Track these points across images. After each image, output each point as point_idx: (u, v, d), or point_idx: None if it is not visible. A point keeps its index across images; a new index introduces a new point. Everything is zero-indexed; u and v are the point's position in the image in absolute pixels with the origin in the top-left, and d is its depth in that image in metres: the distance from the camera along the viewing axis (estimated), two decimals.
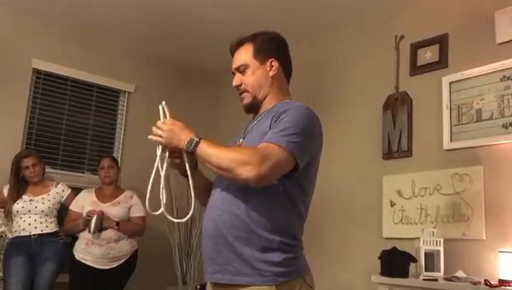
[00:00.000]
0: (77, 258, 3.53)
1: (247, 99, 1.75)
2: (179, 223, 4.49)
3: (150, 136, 1.67)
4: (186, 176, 1.70)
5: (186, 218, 1.73)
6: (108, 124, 4.61)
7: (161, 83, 4.86)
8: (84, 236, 3.54)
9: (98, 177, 3.83)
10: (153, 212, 1.68)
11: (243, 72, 1.74)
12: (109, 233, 3.53)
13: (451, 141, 3.04)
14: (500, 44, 2.92)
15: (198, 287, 3.96)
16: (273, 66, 1.73)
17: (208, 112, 5.12)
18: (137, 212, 3.74)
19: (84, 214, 3.53)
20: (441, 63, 3.20)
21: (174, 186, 3.62)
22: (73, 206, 3.67)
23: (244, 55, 1.75)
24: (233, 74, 1.79)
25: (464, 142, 2.98)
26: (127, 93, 4.67)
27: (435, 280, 2.62)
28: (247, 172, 1.43)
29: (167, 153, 1.67)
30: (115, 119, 4.65)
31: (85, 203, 3.63)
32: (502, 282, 2.43)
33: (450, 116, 3.07)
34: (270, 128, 1.57)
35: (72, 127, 4.36)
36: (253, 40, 1.76)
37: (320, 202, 2.08)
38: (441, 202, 3.03)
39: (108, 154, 4.17)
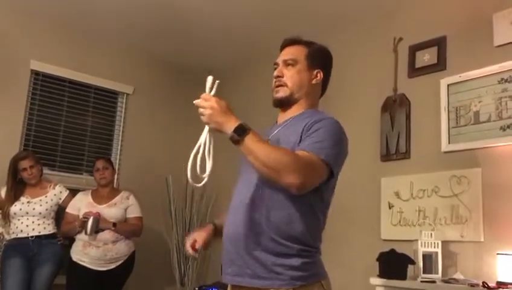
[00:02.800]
0: (74, 260, 3.53)
1: (283, 93, 1.76)
2: (177, 222, 4.50)
3: (195, 101, 1.64)
4: None
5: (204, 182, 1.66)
6: (106, 126, 4.60)
7: (159, 85, 4.86)
8: (81, 238, 3.53)
9: (94, 179, 3.82)
10: (196, 185, 1.65)
11: (288, 66, 1.76)
12: (106, 234, 3.52)
13: (449, 143, 3.05)
14: (498, 46, 2.92)
15: (197, 288, 3.95)
16: (317, 76, 1.77)
17: None
18: (134, 213, 3.74)
19: (81, 216, 3.52)
20: (439, 66, 3.20)
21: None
22: (70, 209, 3.66)
23: (297, 52, 1.77)
24: (275, 65, 1.81)
25: (462, 145, 2.98)
26: (125, 94, 4.67)
27: (433, 282, 2.62)
28: (294, 179, 1.45)
29: (207, 130, 1.63)
30: (113, 121, 4.65)
31: (81, 205, 3.63)
32: (500, 284, 2.43)
33: (448, 119, 3.08)
34: (301, 136, 1.60)
35: (70, 128, 4.36)
36: (309, 45, 1.81)
37: None
38: (439, 204, 3.03)
39: (103, 156, 4.15)
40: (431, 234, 2.84)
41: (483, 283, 2.44)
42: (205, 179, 1.63)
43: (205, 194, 4.71)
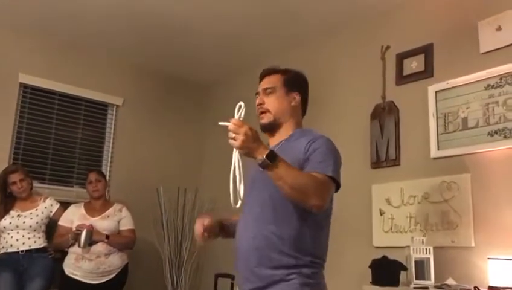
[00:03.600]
0: (67, 273, 3.50)
1: (267, 119, 1.89)
2: (169, 233, 4.49)
3: (221, 123, 1.66)
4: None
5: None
6: (96, 138, 4.59)
7: (149, 96, 4.87)
8: (74, 251, 3.50)
9: (86, 192, 3.81)
10: (236, 206, 1.70)
11: (268, 94, 1.91)
12: (99, 247, 3.50)
13: (438, 149, 3.08)
14: (484, 53, 2.96)
15: None
16: (295, 99, 1.92)
17: (196, 123, 5.13)
18: (127, 225, 3.72)
19: (74, 229, 3.50)
20: (427, 73, 3.24)
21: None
22: (62, 221, 3.64)
23: (275, 80, 1.93)
24: (257, 94, 1.96)
25: (451, 151, 3.01)
26: (115, 106, 4.66)
27: (426, 288, 2.64)
28: (318, 201, 1.60)
29: (238, 153, 1.67)
30: (103, 133, 4.64)
31: (74, 217, 3.61)
32: (492, 288, 2.45)
33: (436, 125, 3.11)
34: (305, 156, 1.72)
35: (60, 141, 4.34)
36: (285, 73, 1.96)
37: None
38: (429, 210, 3.05)
39: (95, 168, 4.15)
40: (422, 240, 2.86)
41: (474, 287, 2.46)
42: (240, 200, 1.70)
43: (197, 204, 4.71)
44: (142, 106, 4.81)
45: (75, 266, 3.48)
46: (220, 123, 1.66)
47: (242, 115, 1.68)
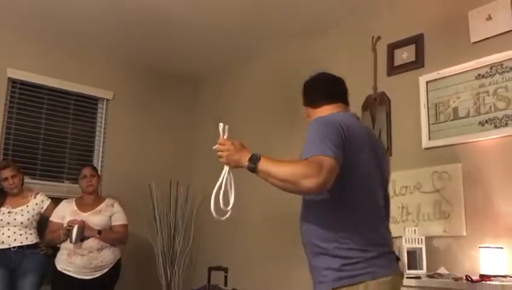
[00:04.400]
0: (59, 269, 3.48)
1: None
2: (161, 228, 4.49)
3: (214, 147, 1.83)
4: None
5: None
6: (87, 132, 4.56)
7: (139, 90, 4.84)
8: (66, 247, 3.48)
9: (79, 187, 3.78)
10: (220, 218, 1.83)
11: (309, 117, 2.00)
12: (91, 242, 3.48)
13: (429, 139, 3.08)
14: (474, 43, 2.97)
15: None
16: (321, 105, 1.97)
17: (186, 117, 5.11)
18: (119, 220, 3.70)
19: (65, 225, 3.48)
20: (418, 63, 3.24)
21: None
22: (54, 217, 3.61)
23: (304, 108, 2.07)
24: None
25: (442, 141, 3.02)
26: (105, 100, 4.63)
27: (418, 277, 2.65)
28: (310, 183, 1.55)
29: (228, 168, 1.84)
30: (93, 127, 4.61)
31: (65, 213, 3.58)
32: (483, 277, 2.46)
33: (427, 115, 3.11)
34: None
35: (50, 136, 4.31)
36: (303, 95, 2.10)
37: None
38: (421, 200, 3.06)
39: (89, 163, 4.13)
40: (414, 230, 2.87)
41: (466, 276, 2.47)
42: (229, 213, 1.84)
43: (189, 199, 4.70)
44: (132, 100, 4.78)
45: (68, 261, 3.46)
46: (214, 147, 1.82)
47: (226, 133, 1.84)
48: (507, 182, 2.71)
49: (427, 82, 3.15)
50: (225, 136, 1.83)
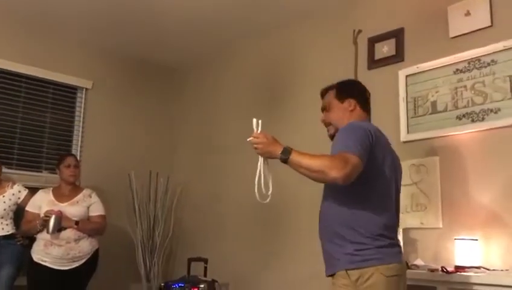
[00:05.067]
0: (35, 260, 3.43)
1: (331, 130, 2.19)
2: (141, 218, 4.48)
3: (248, 139, 2.05)
4: None
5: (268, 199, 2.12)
6: (66, 122, 4.50)
7: (119, 79, 4.78)
8: (43, 237, 3.44)
9: (59, 176, 3.72)
10: (263, 201, 2.11)
11: (328, 110, 2.21)
12: (68, 233, 3.45)
13: (408, 132, 3.12)
14: (453, 38, 3.00)
15: (163, 284, 3.92)
16: (351, 104, 2.16)
17: (167, 107, 5.08)
18: (96, 211, 3.67)
19: (42, 215, 3.43)
20: (398, 57, 3.27)
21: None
22: (30, 207, 3.56)
23: (329, 97, 2.22)
24: (322, 111, 2.25)
25: (420, 134, 3.06)
26: (84, 89, 4.57)
27: None
28: (336, 173, 1.78)
29: (262, 159, 2.07)
30: (72, 117, 4.55)
31: (42, 203, 3.53)
32: (458, 268, 2.52)
33: (406, 109, 3.15)
34: None
35: (28, 125, 4.24)
36: (336, 86, 2.24)
37: (282, 199, 2.13)
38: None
39: (71, 153, 4.07)
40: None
41: (442, 267, 2.52)
42: (269, 197, 2.09)
43: (169, 189, 4.68)
44: (112, 89, 4.73)
45: (44, 252, 3.42)
46: (248, 139, 2.04)
47: (259, 128, 2.06)
48: (482, 176, 2.76)
49: (406, 76, 3.18)
50: (259, 130, 2.05)
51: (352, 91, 2.21)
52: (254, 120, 2.08)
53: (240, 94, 4.41)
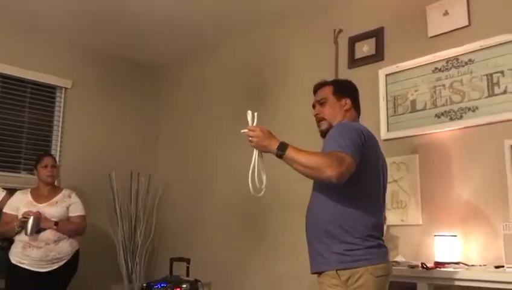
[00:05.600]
0: (14, 262, 3.38)
1: (324, 125, 2.19)
2: (122, 219, 4.44)
3: (242, 130, 2.05)
4: None
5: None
6: (45, 122, 4.43)
7: (100, 79, 4.73)
8: (21, 239, 3.39)
9: (37, 176, 3.66)
10: (257, 195, 2.07)
11: (322, 105, 2.21)
12: (48, 234, 3.40)
13: (388, 131, 3.15)
14: (431, 37, 3.04)
15: (145, 285, 3.90)
16: (346, 103, 2.19)
17: (148, 107, 5.04)
18: (76, 211, 3.62)
19: (20, 216, 3.38)
20: (377, 56, 3.30)
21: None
22: (8, 209, 3.50)
23: (326, 92, 2.22)
24: (314, 106, 2.26)
25: (400, 132, 3.09)
26: (63, 89, 4.50)
27: None
28: (331, 172, 1.80)
29: (257, 152, 2.07)
30: (51, 116, 4.48)
31: (20, 204, 3.48)
32: (438, 264, 2.55)
33: (386, 108, 3.18)
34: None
35: (5, 125, 4.17)
36: (334, 83, 2.26)
37: (265, 197, 2.13)
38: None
39: (48, 153, 4.02)
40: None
41: (422, 263, 2.55)
42: (263, 190, 2.07)
43: (151, 189, 4.65)
44: (92, 89, 4.68)
45: (23, 254, 3.37)
46: (242, 131, 2.03)
47: (255, 120, 2.06)
48: (461, 173, 2.80)
49: (386, 75, 3.21)
50: (254, 123, 2.05)
51: (349, 91, 2.24)
52: (249, 112, 2.07)
53: (221, 94, 4.41)
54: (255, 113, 2.07)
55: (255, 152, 2.06)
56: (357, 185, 1.93)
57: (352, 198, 1.95)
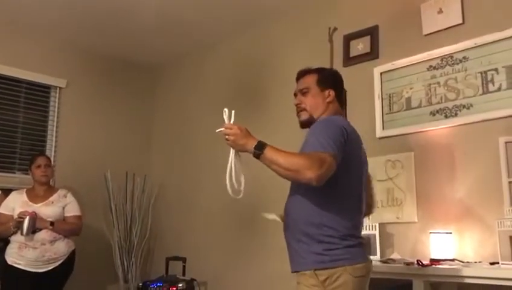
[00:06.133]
0: (9, 263, 3.36)
1: (304, 116, 2.07)
2: (118, 219, 4.43)
3: (217, 130, 1.95)
4: None
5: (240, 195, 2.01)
6: (39, 121, 4.41)
7: (94, 78, 4.72)
8: (17, 239, 3.37)
9: (31, 177, 3.65)
10: (236, 196, 1.98)
11: (304, 94, 2.08)
12: (43, 234, 3.39)
13: (383, 129, 3.16)
14: (426, 35, 3.05)
15: (141, 284, 3.89)
16: (329, 95, 2.06)
17: (143, 106, 5.03)
18: (72, 211, 3.61)
19: (16, 216, 3.36)
20: (372, 54, 3.30)
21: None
22: (3, 209, 3.49)
23: (309, 81, 2.08)
24: (295, 95, 2.13)
25: (395, 130, 3.10)
26: (58, 88, 4.49)
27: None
28: (311, 174, 1.71)
29: (234, 152, 1.96)
30: (46, 116, 4.46)
31: (16, 204, 3.46)
32: (433, 261, 2.56)
33: (381, 106, 3.19)
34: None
35: (0, 125, 4.14)
36: (318, 72, 2.11)
37: (258, 194, 2.12)
38: (375, 188, 3.11)
39: (42, 153, 4.00)
40: (369, 217, 2.94)
41: (417, 260, 2.56)
42: (242, 192, 1.98)
43: (146, 189, 4.64)
44: (87, 88, 4.66)
45: (18, 255, 3.36)
46: (217, 130, 1.93)
47: (232, 118, 1.95)
48: (456, 170, 2.81)
49: (381, 73, 3.22)
50: (231, 121, 1.94)
51: (333, 81, 2.11)
52: (225, 110, 1.96)
53: (216, 93, 4.40)
54: (232, 111, 1.96)
55: (232, 152, 1.96)
56: (337, 184, 1.85)
57: (332, 197, 1.86)
